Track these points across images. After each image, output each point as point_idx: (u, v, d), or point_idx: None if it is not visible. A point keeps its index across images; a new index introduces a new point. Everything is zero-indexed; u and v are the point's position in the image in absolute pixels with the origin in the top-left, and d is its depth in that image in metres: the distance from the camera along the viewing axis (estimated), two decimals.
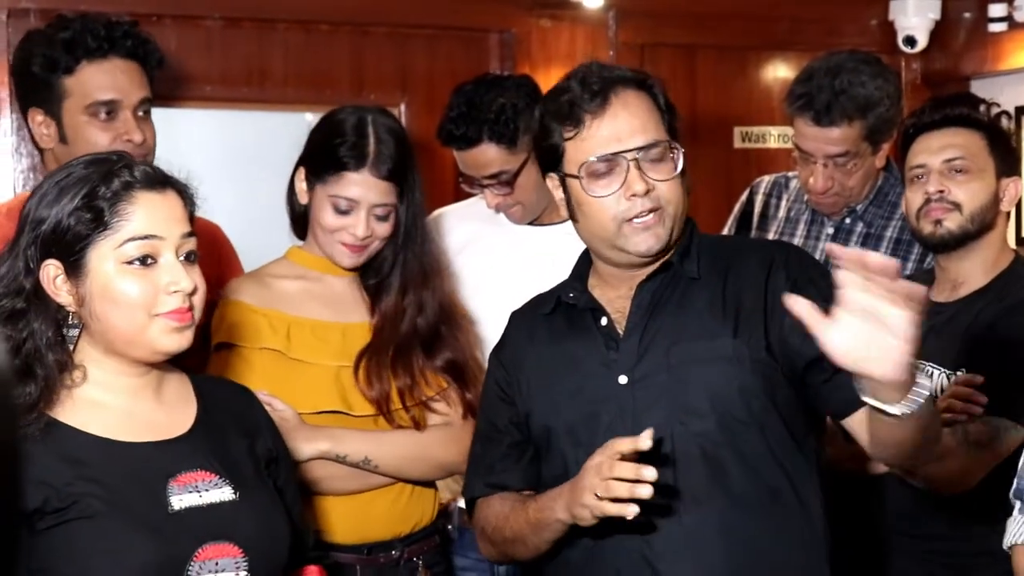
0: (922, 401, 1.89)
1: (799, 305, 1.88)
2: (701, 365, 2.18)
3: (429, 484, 2.78)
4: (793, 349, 2.15)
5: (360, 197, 2.63)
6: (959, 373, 2.68)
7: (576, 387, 2.25)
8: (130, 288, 1.96)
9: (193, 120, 4.00)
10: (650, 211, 2.17)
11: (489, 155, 2.98)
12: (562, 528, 2.15)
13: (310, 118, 4.04)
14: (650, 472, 1.99)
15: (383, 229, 2.67)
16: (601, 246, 2.25)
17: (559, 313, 2.32)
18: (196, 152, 2.18)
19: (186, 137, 3.78)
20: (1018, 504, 2.21)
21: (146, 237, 1.96)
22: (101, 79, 2.74)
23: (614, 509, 2.02)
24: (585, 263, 2.36)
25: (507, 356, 2.37)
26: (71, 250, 1.96)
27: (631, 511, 2.01)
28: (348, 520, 2.63)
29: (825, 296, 2.11)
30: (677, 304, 2.23)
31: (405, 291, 2.70)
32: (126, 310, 1.96)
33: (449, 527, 2.97)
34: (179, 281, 1.97)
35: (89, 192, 1.96)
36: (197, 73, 3.93)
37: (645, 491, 1.99)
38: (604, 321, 2.25)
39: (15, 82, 2.87)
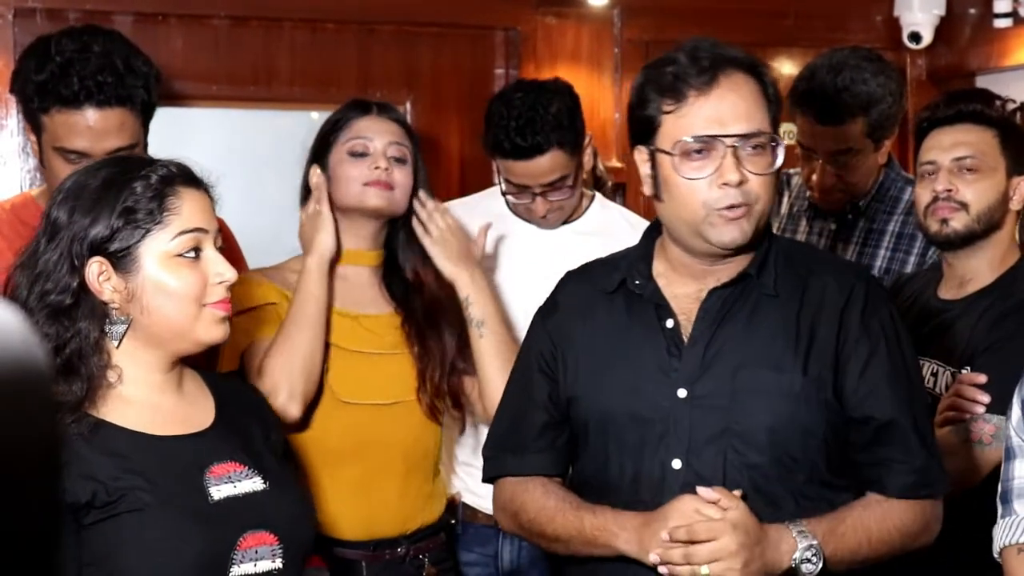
0: (813, 570, 2.03)
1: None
2: (766, 398, 2.09)
3: (437, 483, 2.80)
4: (844, 398, 2.12)
5: (373, 135, 2.71)
6: (963, 371, 2.68)
7: (631, 387, 2.15)
8: (183, 280, 2.00)
9: (199, 119, 4.01)
10: (739, 204, 2.06)
11: (556, 161, 2.93)
12: (615, 554, 2.09)
13: (316, 117, 4.05)
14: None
15: (403, 175, 2.71)
16: (683, 230, 2.12)
17: (620, 295, 2.20)
18: (202, 151, 2.19)
19: (192, 136, 3.79)
20: (1000, 508, 2.21)
21: (195, 230, 2.01)
22: (70, 129, 2.60)
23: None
24: (650, 241, 2.23)
25: (556, 329, 2.25)
26: (122, 246, 1.99)
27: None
28: (354, 517, 2.65)
29: (888, 345, 2.14)
30: (747, 319, 2.13)
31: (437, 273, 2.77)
32: (178, 302, 2.00)
33: (452, 521, 2.98)
34: (224, 272, 2.03)
35: (133, 190, 1.99)
36: (203, 72, 3.94)
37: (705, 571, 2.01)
38: (670, 323, 2.14)
39: None
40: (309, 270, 2.65)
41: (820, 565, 2.03)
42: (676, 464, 2.11)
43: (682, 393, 2.12)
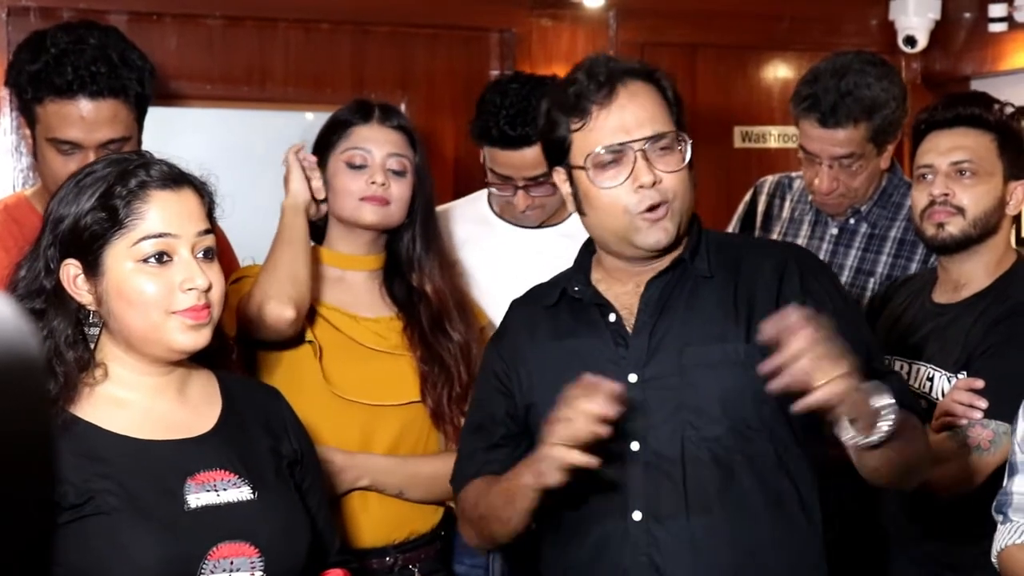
0: (891, 425, 1.97)
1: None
2: (714, 369, 2.17)
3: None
4: None
5: (372, 147, 2.68)
6: (960, 376, 2.68)
7: None
8: (145, 286, 1.97)
9: (194, 119, 3.99)
10: (658, 204, 2.16)
11: (542, 156, 2.95)
12: (532, 495, 2.12)
13: (311, 117, 4.04)
14: (610, 406, 2.01)
15: (401, 188, 2.68)
16: (610, 239, 2.22)
17: (563, 306, 2.29)
18: (196, 151, 2.17)
19: (186, 136, 3.78)
20: (1000, 517, 2.21)
21: (160, 235, 1.97)
22: (63, 119, 2.62)
23: (574, 457, 2.02)
24: (586, 256, 2.33)
25: (506, 348, 2.34)
26: (88, 249, 1.97)
27: (592, 461, 2.03)
28: (340, 525, 2.62)
29: (834, 303, 2.20)
30: (687, 303, 2.21)
31: (441, 270, 2.75)
32: (141, 308, 1.97)
33: (442, 532, 2.95)
34: (194, 278, 1.98)
35: (105, 191, 1.97)
36: (198, 72, 3.93)
37: (603, 429, 2.01)
38: (612, 317, 2.22)
39: None
40: (283, 210, 2.67)
41: (891, 428, 1.98)
42: (635, 446, 2.17)
43: (633, 378, 2.18)
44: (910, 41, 4.52)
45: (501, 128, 2.95)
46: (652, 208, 2.15)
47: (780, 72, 4.68)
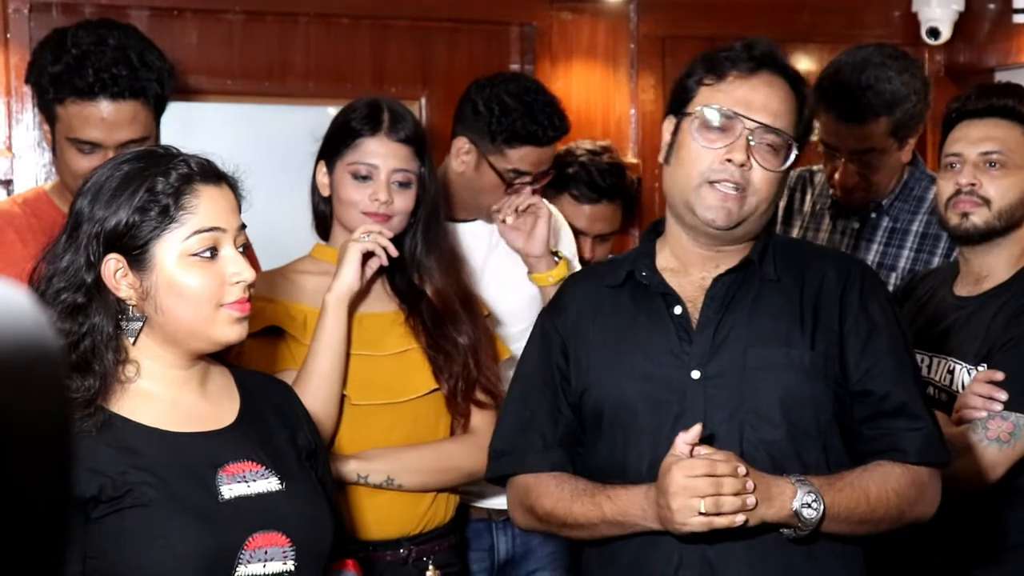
0: (815, 516, 2.06)
1: None
2: (776, 372, 2.17)
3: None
4: (847, 374, 2.18)
5: (379, 161, 2.67)
6: (980, 368, 2.66)
7: (644, 373, 2.21)
8: (196, 280, 1.98)
9: (214, 114, 4.00)
10: (735, 185, 2.16)
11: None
12: (643, 529, 2.13)
13: (331, 112, 4.02)
14: (742, 470, 2.05)
15: (404, 200, 2.68)
16: (678, 197, 2.21)
17: (625, 288, 2.28)
18: (217, 146, 2.18)
19: (206, 131, 3.79)
20: None
21: (211, 229, 1.99)
22: (84, 120, 2.65)
23: (724, 522, 2.04)
24: (650, 240, 2.32)
25: (564, 324, 2.31)
26: (135, 244, 1.98)
27: (739, 519, 2.05)
28: (355, 516, 2.63)
29: (888, 326, 2.22)
30: (752, 303, 2.21)
31: (443, 272, 2.75)
32: (192, 302, 1.99)
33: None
34: (242, 272, 2.00)
35: (151, 187, 1.97)
36: (218, 67, 3.93)
37: (752, 500, 2.04)
38: (678, 310, 2.22)
39: None
40: (324, 310, 2.59)
41: (820, 511, 2.07)
42: None
43: (695, 374, 2.18)
44: (933, 33, 4.49)
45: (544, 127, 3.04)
46: (725, 183, 2.16)
47: (802, 64, 4.65)
